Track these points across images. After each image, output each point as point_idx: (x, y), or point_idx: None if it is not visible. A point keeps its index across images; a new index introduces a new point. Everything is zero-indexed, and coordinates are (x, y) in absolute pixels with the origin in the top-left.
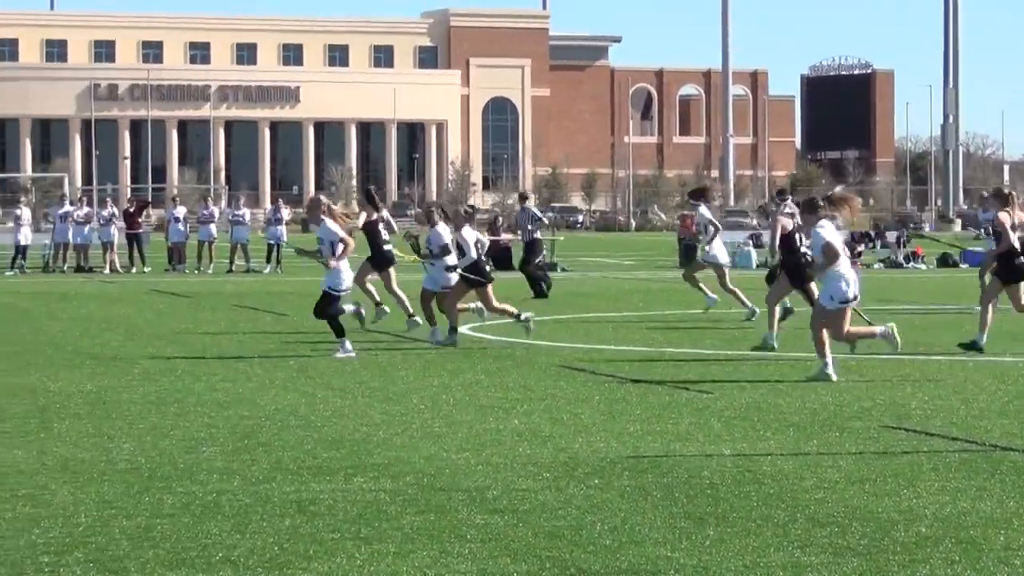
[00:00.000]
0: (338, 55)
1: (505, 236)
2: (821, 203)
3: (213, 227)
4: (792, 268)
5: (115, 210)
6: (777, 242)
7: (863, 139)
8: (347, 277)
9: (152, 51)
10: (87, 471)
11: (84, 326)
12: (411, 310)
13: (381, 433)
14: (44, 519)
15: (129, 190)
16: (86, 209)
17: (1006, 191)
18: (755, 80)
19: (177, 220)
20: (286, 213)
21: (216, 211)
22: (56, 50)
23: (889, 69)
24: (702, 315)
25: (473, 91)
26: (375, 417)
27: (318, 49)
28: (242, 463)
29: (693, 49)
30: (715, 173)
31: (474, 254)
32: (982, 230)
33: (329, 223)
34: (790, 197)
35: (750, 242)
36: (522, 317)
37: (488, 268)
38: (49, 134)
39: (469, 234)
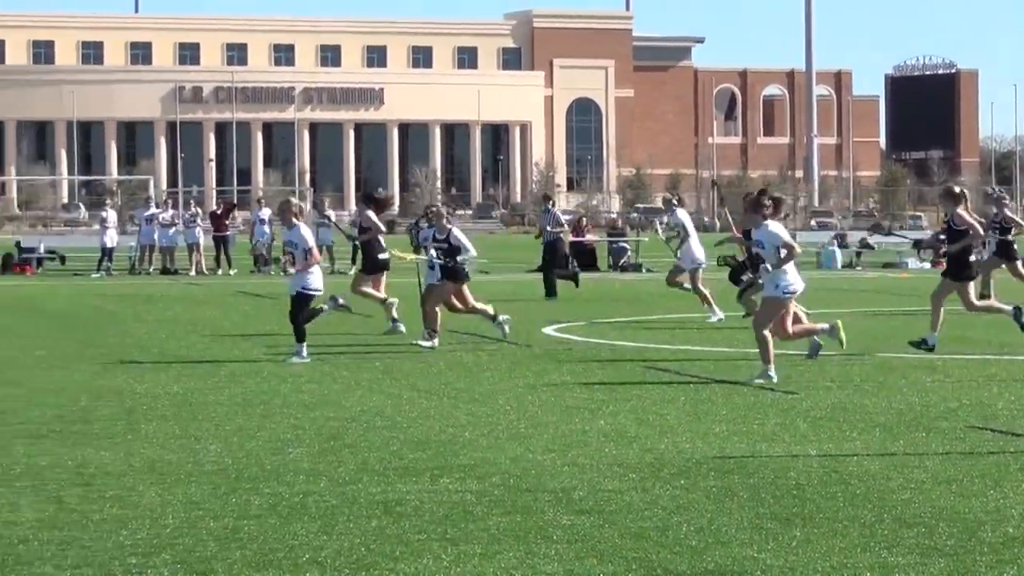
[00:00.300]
0: (422, 57)
1: (589, 237)
2: (767, 202)
3: (267, 228)
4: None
5: (199, 211)
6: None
7: (947, 139)
8: (316, 277)
9: (236, 53)
10: (174, 472)
11: (170, 328)
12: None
13: (467, 434)
14: (132, 520)
15: (214, 192)
16: (171, 211)
17: (957, 190)
18: (839, 80)
19: (262, 222)
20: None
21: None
22: (141, 53)
23: (973, 68)
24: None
25: (557, 92)
26: (461, 418)
27: (402, 51)
28: (328, 464)
29: (777, 49)
30: (799, 173)
31: (475, 251)
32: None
33: (302, 228)
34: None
35: (835, 242)
36: (499, 319)
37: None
38: (135, 136)
39: (462, 235)
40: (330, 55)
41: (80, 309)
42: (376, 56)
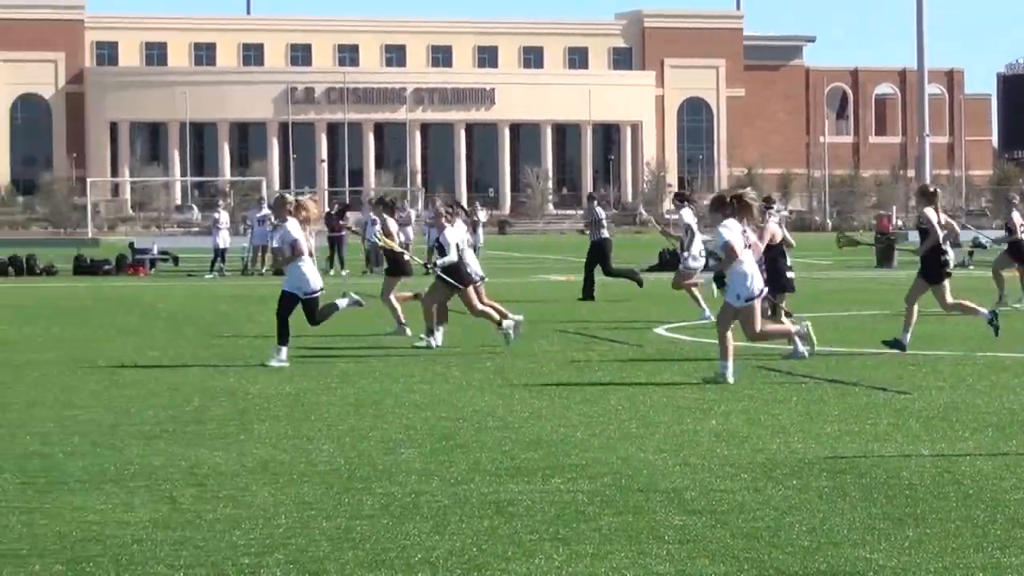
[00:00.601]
0: (533, 57)
1: (704, 238)
2: (729, 201)
3: (411, 229)
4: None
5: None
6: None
7: None
8: (313, 277)
9: (348, 54)
10: (287, 472)
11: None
12: (403, 320)
13: (579, 434)
14: (245, 520)
15: (326, 193)
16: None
17: (931, 189)
18: (951, 79)
19: (373, 223)
20: (483, 215)
21: (413, 213)
22: (253, 54)
23: None
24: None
25: (668, 92)
26: (573, 418)
27: (513, 51)
28: (440, 464)
29: (888, 48)
30: (911, 172)
31: (455, 256)
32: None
33: (291, 224)
34: (776, 204)
35: (947, 242)
36: (503, 324)
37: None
38: (247, 137)
39: (452, 235)
40: (441, 55)
41: (193, 310)
42: (487, 56)
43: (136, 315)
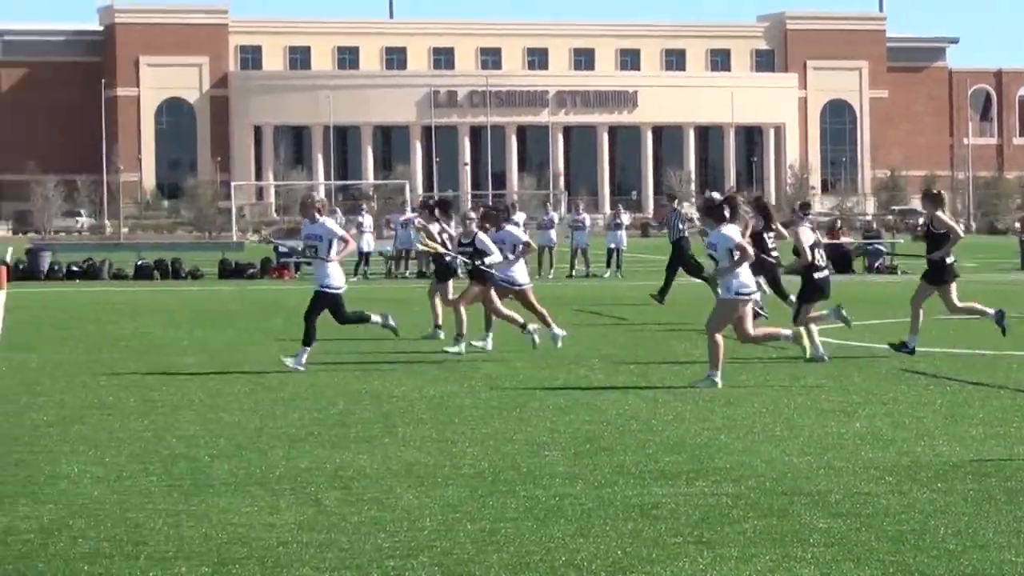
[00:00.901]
0: (675, 59)
1: (844, 239)
2: (724, 207)
3: (553, 232)
4: (804, 279)
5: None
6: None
7: None
8: (336, 274)
9: (491, 57)
10: (431, 475)
11: (425, 331)
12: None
13: (722, 437)
14: (389, 523)
15: (469, 196)
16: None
17: (936, 191)
18: None
19: (516, 225)
20: (626, 218)
21: (556, 216)
22: (396, 57)
23: None
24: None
25: (810, 93)
26: (716, 421)
27: (655, 53)
28: (584, 467)
29: None
30: None
31: (499, 256)
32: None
33: (328, 221)
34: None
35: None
36: (529, 328)
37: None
38: (390, 141)
39: (487, 238)
40: (584, 58)
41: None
42: (629, 59)
43: (281, 318)
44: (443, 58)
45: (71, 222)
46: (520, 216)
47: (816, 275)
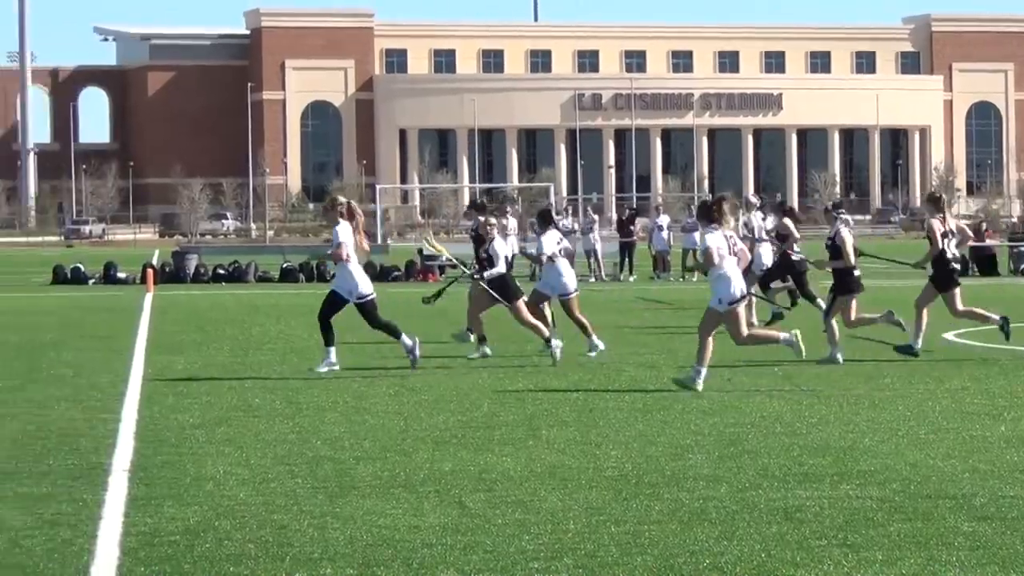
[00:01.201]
0: (820, 62)
1: (990, 242)
2: (715, 208)
3: (697, 235)
4: (840, 279)
5: (595, 218)
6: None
7: None
8: (363, 280)
9: (635, 60)
10: (575, 478)
11: (568, 334)
12: (471, 327)
13: (867, 440)
14: (533, 525)
15: (613, 199)
16: (570, 219)
17: (937, 195)
18: None
19: (660, 228)
20: (769, 222)
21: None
22: (541, 60)
23: None
24: None
25: (956, 96)
26: (860, 424)
27: (800, 56)
28: (728, 470)
29: None
30: None
31: (503, 268)
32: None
33: (340, 225)
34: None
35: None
36: (552, 343)
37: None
38: (534, 143)
39: (500, 247)
40: (728, 61)
41: None
42: (774, 61)
43: (423, 321)
44: (587, 61)
45: (217, 225)
46: (664, 219)
47: (856, 272)
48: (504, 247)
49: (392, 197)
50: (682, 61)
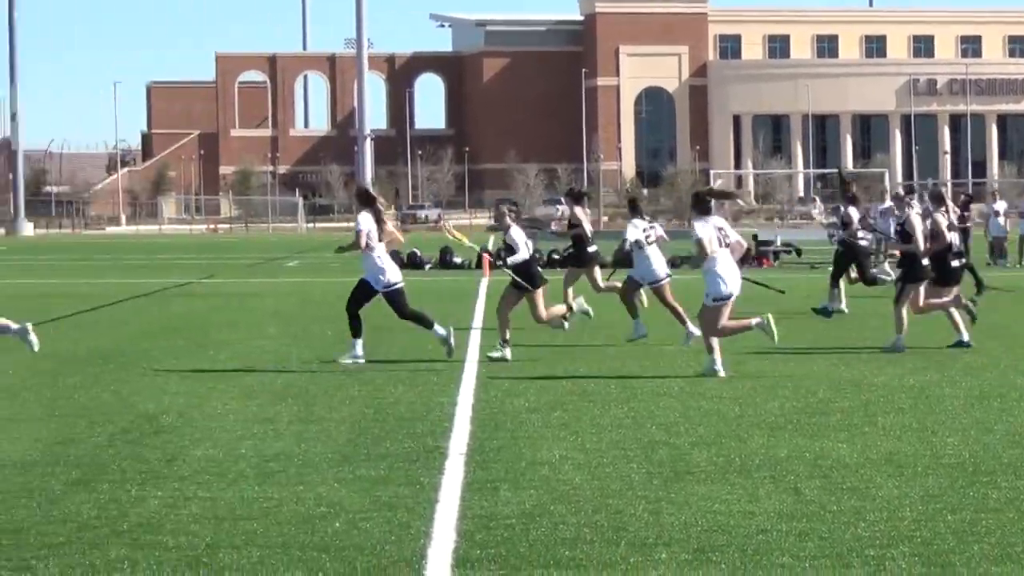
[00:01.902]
0: None
1: None
2: (707, 199)
3: (1008, 221)
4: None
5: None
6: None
7: None
8: (390, 268)
9: (970, 45)
10: (911, 465)
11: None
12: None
13: None
14: (869, 512)
15: (949, 185)
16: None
17: (940, 191)
18: None
19: (997, 215)
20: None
21: None
22: (875, 46)
23: None
24: None
25: None
26: None
27: None
28: None
29: None
30: None
31: (526, 254)
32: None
33: (360, 215)
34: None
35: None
36: (565, 325)
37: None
38: (869, 129)
39: (517, 234)
40: None
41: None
42: None
43: (769, 306)
44: (922, 46)
45: (551, 210)
46: (1001, 205)
47: (924, 261)
48: (521, 234)
49: (726, 182)
50: (1018, 46)
